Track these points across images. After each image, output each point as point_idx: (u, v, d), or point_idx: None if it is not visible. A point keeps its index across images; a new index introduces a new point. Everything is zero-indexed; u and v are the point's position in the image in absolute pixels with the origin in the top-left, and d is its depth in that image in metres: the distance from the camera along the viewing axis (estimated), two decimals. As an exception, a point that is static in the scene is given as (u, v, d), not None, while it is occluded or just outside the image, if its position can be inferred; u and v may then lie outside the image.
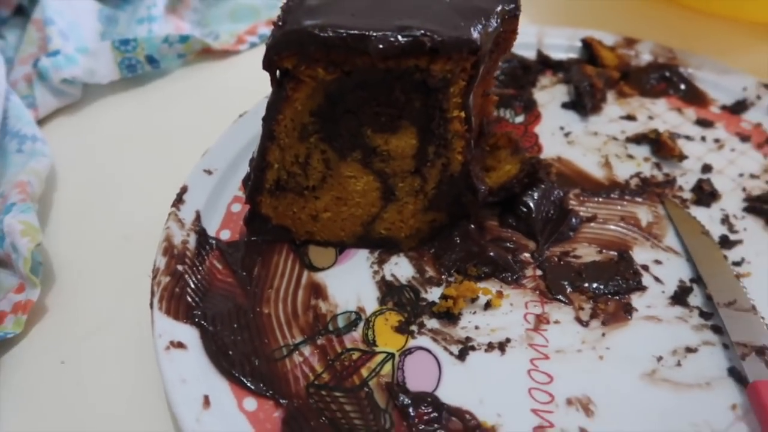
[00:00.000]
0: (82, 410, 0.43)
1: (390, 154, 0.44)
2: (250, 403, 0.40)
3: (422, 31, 0.38)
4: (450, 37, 0.39)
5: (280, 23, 0.41)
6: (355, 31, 0.38)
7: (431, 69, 0.40)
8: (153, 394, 0.43)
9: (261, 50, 0.41)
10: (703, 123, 0.60)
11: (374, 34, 0.38)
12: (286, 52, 0.40)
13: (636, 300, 0.46)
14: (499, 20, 0.42)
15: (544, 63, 0.66)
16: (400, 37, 0.38)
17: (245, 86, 0.56)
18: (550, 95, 0.63)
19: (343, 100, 0.42)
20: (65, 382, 0.44)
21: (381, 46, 0.38)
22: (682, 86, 0.63)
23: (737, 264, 0.48)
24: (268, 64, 0.41)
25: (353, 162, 0.45)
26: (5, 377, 0.45)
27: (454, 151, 0.44)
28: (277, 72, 0.41)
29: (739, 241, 0.50)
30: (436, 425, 0.39)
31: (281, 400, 0.40)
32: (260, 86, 0.41)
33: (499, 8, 0.42)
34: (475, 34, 0.40)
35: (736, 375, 0.42)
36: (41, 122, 0.65)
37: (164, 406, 0.42)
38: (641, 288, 0.47)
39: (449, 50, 0.39)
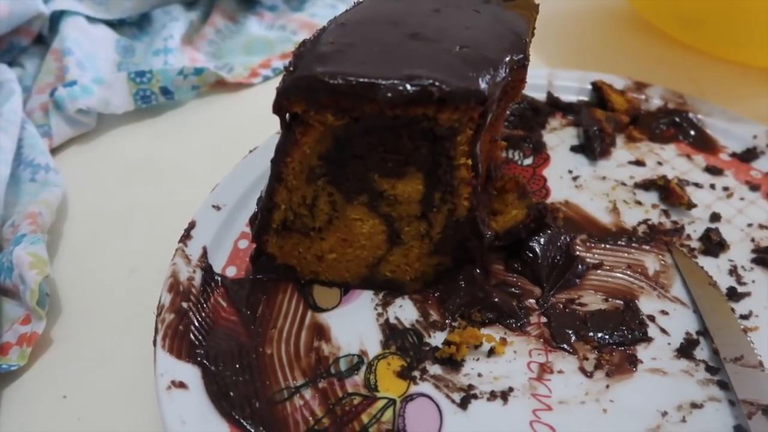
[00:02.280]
0: (81, 447, 0.43)
1: (396, 198, 0.44)
2: (249, 446, 0.40)
3: (430, 81, 0.39)
4: (458, 87, 0.39)
5: (291, 68, 0.41)
6: (364, 79, 0.39)
7: (439, 118, 0.40)
8: (152, 434, 0.43)
9: (274, 83, 0.42)
10: (713, 170, 0.59)
11: (383, 82, 0.38)
12: (295, 97, 0.40)
13: (641, 351, 0.46)
14: (507, 70, 0.42)
15: (554, 105, 0.66)
16: (408, 86, 0.38)
17: (258, 118, 0.56)
18: (559, 138, 0.63)
19: (351, 145, 0.42)
20: (66, 418, 0.44)
21: (389, 94, 0.38)
22: (692, 132, 0.63)
23: (745, 317, 0.47)
24: (278, 108, 0.41)
25: (360, 205, 0.45)
26: (6, 410, 0.45)
27: (461, 197, 0.45)
28: (287, 116, 0.42)
29: (747, 294, 0.49)
30: (435, 476, 0.39)
31: (280, 445, 0.40)
32: (272, 119, 0.42)
33: (508, 58, 0.43)
34: (483, 85, 0.40)
35: (742, 434, 0.41)
36: (55, 151, 0.66)
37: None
38: (647, 339, 0.46)
39: (457, 100, 0.39)
